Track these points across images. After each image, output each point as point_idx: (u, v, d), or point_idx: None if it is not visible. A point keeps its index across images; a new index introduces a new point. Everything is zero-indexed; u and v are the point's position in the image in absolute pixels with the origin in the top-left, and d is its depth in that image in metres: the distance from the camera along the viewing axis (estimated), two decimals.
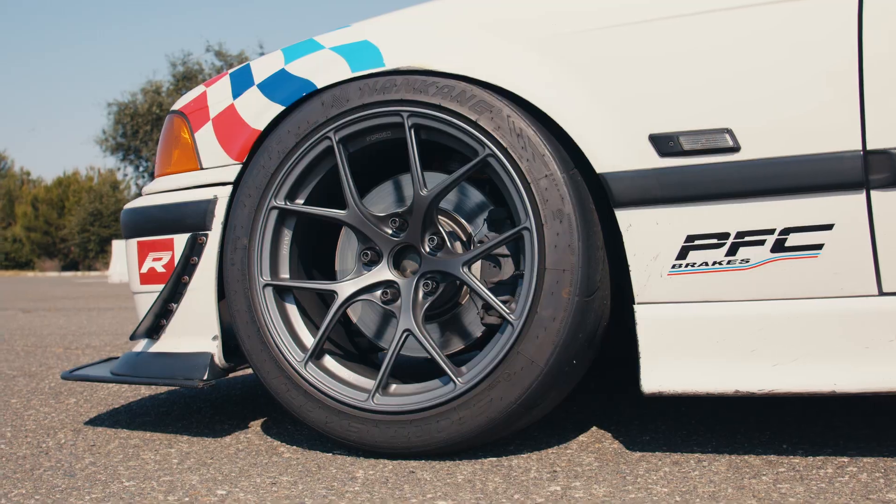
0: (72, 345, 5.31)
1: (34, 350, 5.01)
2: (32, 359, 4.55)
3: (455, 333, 2.32)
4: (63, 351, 4.96)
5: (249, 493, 1.86)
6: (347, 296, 2.24)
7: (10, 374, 3.89)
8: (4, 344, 5.42)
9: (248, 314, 2.26)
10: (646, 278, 1.97)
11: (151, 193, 2.53)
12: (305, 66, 2.28)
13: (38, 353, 4.87)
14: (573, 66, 2.01)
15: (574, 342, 2.01)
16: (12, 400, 3.16)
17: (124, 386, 3.44)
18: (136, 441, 2.41)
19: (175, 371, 2.36)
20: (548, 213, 2.00)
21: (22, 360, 4.51)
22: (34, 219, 45.65)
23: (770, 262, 1.89)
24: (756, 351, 1.91)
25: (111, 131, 42.39)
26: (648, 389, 1.97)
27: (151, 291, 2.44)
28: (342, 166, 2.21)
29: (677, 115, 1.92)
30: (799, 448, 2.13)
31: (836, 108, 1.83)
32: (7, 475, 2.06)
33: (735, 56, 1.89)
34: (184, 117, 2.46)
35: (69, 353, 4.83)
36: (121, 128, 41.97)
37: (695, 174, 1.91)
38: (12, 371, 4.02)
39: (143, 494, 1.87)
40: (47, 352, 4.91)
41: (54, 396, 3.22)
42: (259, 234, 2.27)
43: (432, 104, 2.11)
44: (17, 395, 3.28)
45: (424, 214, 2.16)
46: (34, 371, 4.01)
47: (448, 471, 2.02)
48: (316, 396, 2.19)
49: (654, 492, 1.80)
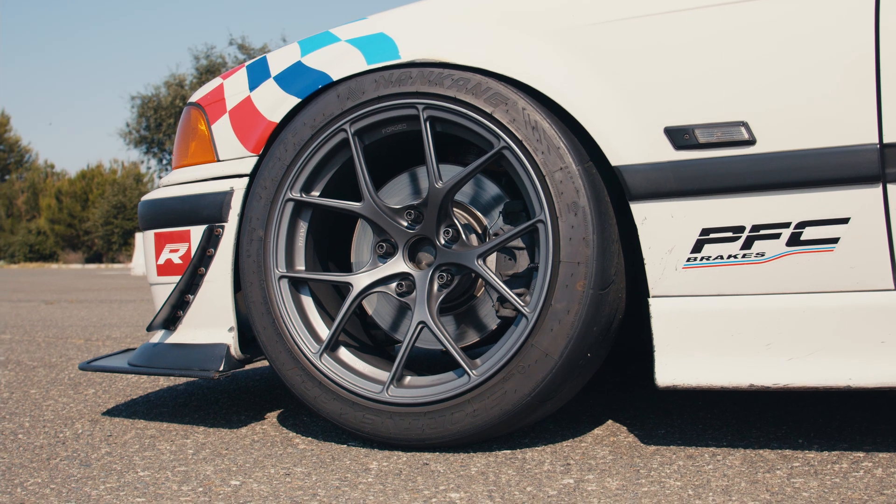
0: (92, 336, 5.35)
1: (55, 341, 5.05)
2: (53, 350, 4.58)
3: (470, 326, 2.33)
4: (83, 342, 4.99)
5: (263, 484, 1.87)
6: (362, 288, 2.25)
7: (30, 365, 3.92)
8: (26, 335, 5.46)
9: (263, 306, 2.27)
10: (661, 271, 1.97)
11: (168, 185, 2.54)
12: (321, 58, 2.28)
13: (59, 344, 4.90)
14: (589, 59, 2.01)
15: (588, 335, 2.01)
16: (31, 390, 3.18)
17: (143, 377, 3.47)
18: (153, 431, 2.43)
19: (191, 362, 2.37)
20: (563, 205, 2.00)
21: (42, 350, 4.54)
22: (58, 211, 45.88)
23: (785, 256, 1.88)
24: (771, 345, 1.90)
25: (135, 124, 42.64)
26: (663, 383, 1.97)
27: (168, 283, 2.46)
28: (357, 158, 2.21)
29: (693, 107, 1.92)
30: (814, 443, 2.12)
31: (852, 100, 1.81)
32: (24, 464, 2.08)
33: (749, 49, 1.88)
34: (201, 109, 2.47)
35: (89, 345, 4.86)
36: (144, 121, 42.19)
37: (710, 167, 1.91)
38: (32, 362, 4.05)
39: (158, 484, 1.89)
40: (68, 343, 4.94)
41: (73, 387, 3.24)
42: (275, 225, 2.27)
43: (448, 96, 2.11)
44: (37, 385, 3.31)
45: (439, 207, 2.16)
46: (54, 362, 4.04)
47: (462, 463, 2.02)
48: (331, 388, 2.19)
49: (667, 485, 1.80)
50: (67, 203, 46.13)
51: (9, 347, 4.71)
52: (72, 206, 45.92)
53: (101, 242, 44.03)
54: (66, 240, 45.97)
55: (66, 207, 45.98)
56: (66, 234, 45.94)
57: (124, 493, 1.83)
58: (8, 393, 3.13)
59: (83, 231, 45.30)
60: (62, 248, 46.03)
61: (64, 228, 45.76)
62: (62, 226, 45.81)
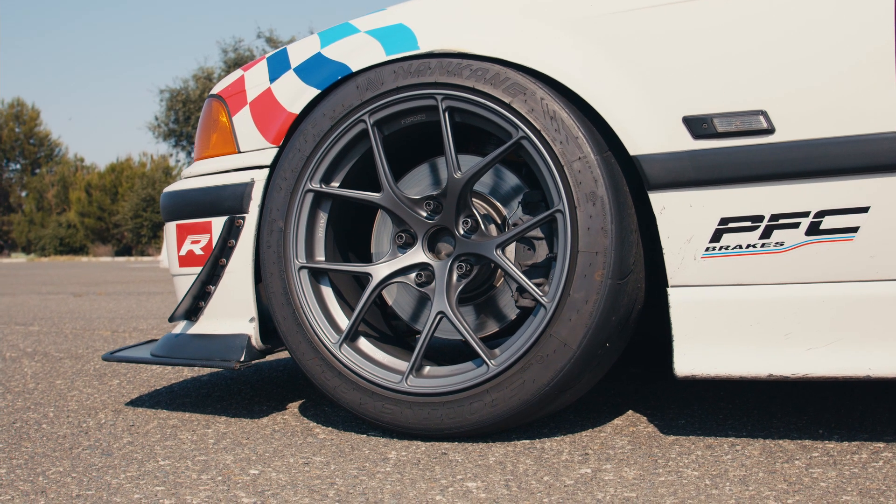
0: (119, 328, 5.39)
1: (82, 333, 5.09)
2: (80, 341, 4.62)
3: (490, 316, 2.33)
4: (110, 334, 5.03)
5: (282, 473, 1.88)
6: (381, 278, 2.25)
7: (56, 357, 3.96)
8: (54, 327, 5.51)
9: (283, 296, 2.28)
10: (679, 261, 1.96)
11: (190, 177, 2.56)
12: (341, 49, 2.29)
13: (86, 335, 4.94)
14: (607, 48, 2.00)
15: (607, 325, 2.00)
16: (57, 381, 3.22)
17: (168, 368, 3.50)
18: (175, 421, 2.45)
19: (212, 352, 2.39)
20: (581, 195, 2.00)
21: (69, 342, 4.59)
22: (88, 204, 46.28)
23: (804, 245, 1.87)
24: (790, 335, 1.89)
25: (163, 117, 42.88)
26: (681, 372, 1.96)
27: (190, 274, 2.48)
28: (377, 149, 2.22)
29: (711, 96, 1.91)
30: (835, 433, 2.11)
31: (872, 88, 1.80)
32: (46, 453, 2.10)
33: (768, 38, 1.87)
34: (222, 101, 2.48)
35: (116, 336, 4.90)
36: (173, 114, 42.43)
37: (729, 156, 1.90)
38: (59, 353, 4.09)
39: (178, 473, 1.90)
40: (94, 335, 4.99)
41: (98, 378, 3.27)
42: (295, 216, 2.28)
43: (466, 87, 2.11)
44: (62, 376, 3.34)
45: (458, 197, 2.17)
46: (80, 353, 4.08)
47: (480, 452, 2.02)
48: (350, 378, 2.20)
49: (684, 475, 1.80)
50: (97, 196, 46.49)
51: (36, 339, 4.76)
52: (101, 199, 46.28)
53: (130, 235, 44.36)
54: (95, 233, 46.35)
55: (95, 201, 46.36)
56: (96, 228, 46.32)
57: (144, 481, 1.84)
58: (34, 384, 3.16)
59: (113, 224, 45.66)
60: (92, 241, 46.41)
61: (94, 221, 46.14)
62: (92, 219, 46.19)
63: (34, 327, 5.50)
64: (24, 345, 4.46)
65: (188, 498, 1.72)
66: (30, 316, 6.46)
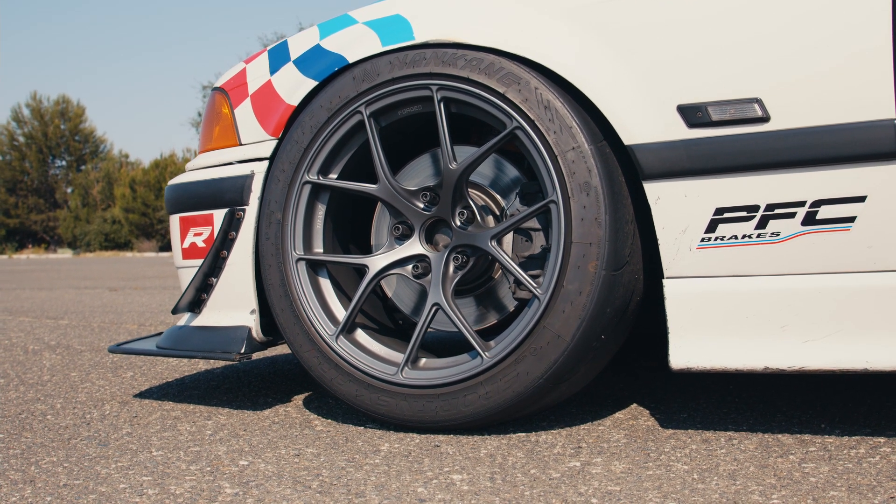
0: (147, 321, 5.43)
1: (109, 327, 5.14)
2: (105, 335, 4.66)
3: (490, 307, 2.31)
4: (137, 328, 5.07)
5: (270, 464, 1.88)
6: (378, 270, 2.24)
7: (78, 349, 4.00)
8: (83, 320, 5.57)
9: (281, 288, 2.28)
10: (675, 252, 1.94)
11: (193, 170, 2.56)
12: (339, 41, 2.28)
13: (112, 329, 4.99)
14: (602, 37, 1.98)
15: (602, 317, 1.98)
16: (72, 373, 3.24)
17: (183, 360, 3.51)
18: (178, 413, 2.46)
19: (214, 344, 2.39)
20: (574, 185, 1.97)
21: (94, 335, 4.63)
22: (132, 200, 46.71)
23: (801, 236, 1.84)
24: (786, 327, 1.86)
25: None
26: (677, 365, 1.94)
27: (193, 266, 2.48)
28: (373, 140, 2.21)
29: (705, 84, 1.88)
30: (836, 428, 2.07)
31: (868, 75, 1.76)
32: (45, 444, 2.12)
33: (764, 25, 1.84)
34: (224, 94, 2.49)
35: (142, 330, 4.94)
36: None
37: (723, 145, 1.87)
38: (82, 346, 4.13)
39: (168, 463, 1.91)
40: (121, 328, 5.03)
41: (113, 370, 3.30)
42: (292, 208, 2.28)
43: (461, 77, 2.09)
44: (79, 368, 3.37)
45: (454, 188, 2.15)
46: (102, 346, 4.11)
47: (473, 445, 2.01)
48: (346, 370, 2.20)
49: (673, 469, 1.77)
50: (141, 192, 46.92)
51: (63, 332, 4.81)
52: (145, 195, 46.71)
53: None
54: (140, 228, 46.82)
55: (139, 196, 46.81)
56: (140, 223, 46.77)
57: (133, 471, 1.85)
58: (49, 376, 3.19)
59: (157, 219, 46.08)
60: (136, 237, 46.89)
61: (138, 217, 46.59)
62: (136, 214, 46.64)
63: (64, 321, 5.55)
64: (50, 338, 4.51)
65: (172, 488, 1.72)
66: (62, 310, 6.52)
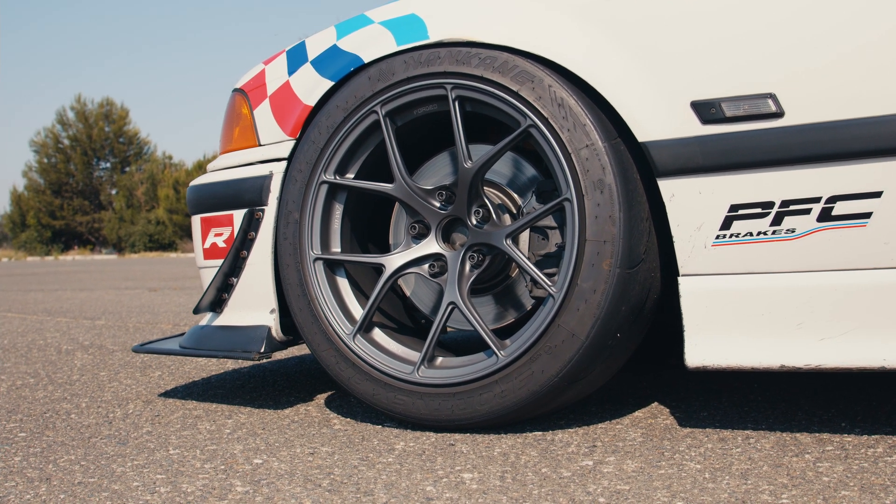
0: (181, 322, 5.47)
1: (144, 327, 5.19)
2: (139, 335, 4.71)
3: (508, 306, 2.31)
4: (171, 328, 5.12)
5: (284, 463, 1.89)
6: (395, 269, 2.25)
7: (110, 349, 4.04)
8: (119, 321, 5.62)
9: (299, 288, 2.29)
10: (690, 249, 1.92)
11: (214, 171, 2.58)
12: (355, 41, 2.28)
13: (147, 329, 5.04)
14: (615, 34, 1.97)
15: (617, 315, 1.97)
16: (101, 373, 3.28)
17: (212, 360, 3.54)
18: (199, 412, 2.47)
19: (235, 344, 2.41)
20: (588, 183, 1.97)
21: (128, 335, 4.67)
22: (176, 201, 47.09)
23: (816, 232, 1.81)
24: (803, 324, 1.84)
25: None
26: (692, 363, 1.92)
27: (214, 266, 2.50)
28: (388, 139, 2.21)
29: (719, 80, 1.86)
30: (857, 426, 2.04)
31: (884, 67, 1.74)
32: (65, 442, 2.14)
33: (776, 18, 1.82)
34: (244, 95, 2.50)
35: (176, 330, 4.98)
36: None
37: (738, 141, 1.85)
38: (114, 346, 4.17)
39: (183, 462, 1.92)
40: (155, 329, 5.07)
41: (141, 370, 3.33)
42: (310, 208, 2.29)
43: (475, 76, 2.09)
44: (108, 368, 3.40)
45: (469, 186, 2.15)
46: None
47: (488, 444, 2.01)
48: (363, 369, 2.20)
49: (685, 468, 1.76)
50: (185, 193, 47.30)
51: (98, 332, 4.86)
52: None
53: None
54: (184, 229, 47.18)
55: (183, 197, 47.15)
56: (184, 224, 47.13)
57: (148, 469, 1.87)
58: (78, 375, 3.23)
59: None
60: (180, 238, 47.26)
61: (182, 218, 46.96)
62: (180, 215, 47.02)
63: (100, 321, 5.62)
64: (84, 338, 4.56)
65: (184, 486, 1.73)
66: (100, 310, 6.60)
